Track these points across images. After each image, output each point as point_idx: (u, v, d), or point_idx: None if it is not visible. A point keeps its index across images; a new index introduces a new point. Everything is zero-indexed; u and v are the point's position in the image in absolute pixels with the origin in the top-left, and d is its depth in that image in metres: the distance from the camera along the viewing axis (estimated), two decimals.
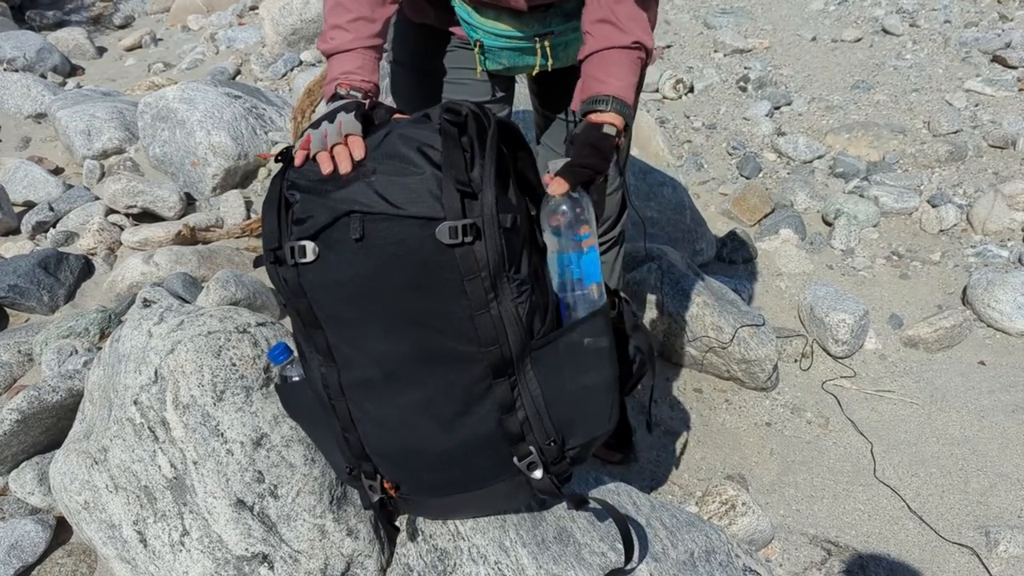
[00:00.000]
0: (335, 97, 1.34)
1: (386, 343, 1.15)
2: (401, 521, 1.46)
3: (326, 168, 1.11)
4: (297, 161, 1.16)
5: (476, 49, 1.53)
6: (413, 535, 1.44)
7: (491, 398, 1.18)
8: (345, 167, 1.11)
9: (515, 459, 1.23)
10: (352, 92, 1.33)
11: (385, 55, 1.52)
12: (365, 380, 1.19)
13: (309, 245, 1.09)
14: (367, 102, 1.28)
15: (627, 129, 1.38)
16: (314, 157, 1.14)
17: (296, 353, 1.34)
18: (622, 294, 1.33)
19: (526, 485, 1.27)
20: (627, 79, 1.36)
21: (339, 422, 1.24)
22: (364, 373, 1.18)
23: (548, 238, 1.26)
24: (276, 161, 1.19)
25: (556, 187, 1.23)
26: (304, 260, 1.10)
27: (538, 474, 1.23)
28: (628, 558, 1.34)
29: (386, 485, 1.27)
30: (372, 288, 1.11)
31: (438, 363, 1.16)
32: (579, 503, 1.32)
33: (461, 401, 1.18)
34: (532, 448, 1.22)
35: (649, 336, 1.36)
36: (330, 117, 1.19)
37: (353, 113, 1.18)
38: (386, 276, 1.10)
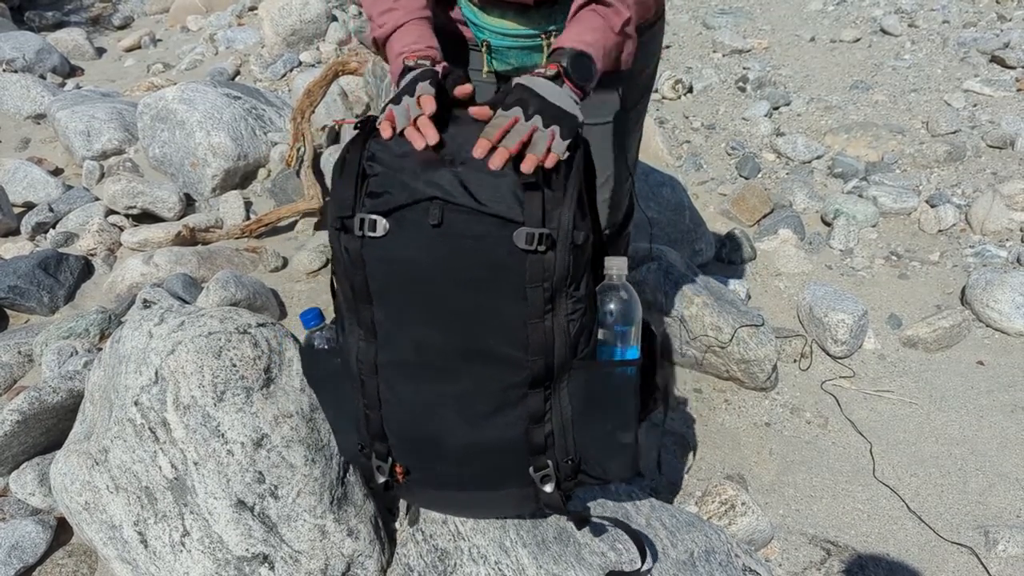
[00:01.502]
0: (405, 71, 1.30)
1: (434, 331, 1.16)
2: (402, 507, 1.47)
3: (419, 144, 1.11)
4: (385, 135, 1.14)
5: (483, 50, 1.53)
6: (415, 519, 1.44)
7: (523, 406, 1.19)
8: (433, 138, 1.11)
9: (531, 469, 1.24)
10: (420, 62, 1.30)
11: None
12: (403, 362, 1.19)
13: (381, 221, 1.11)
14: (440, 67, 1.27)
15: (575, 72, 1.24)
16: (402, 132, 1.14)
17: (327, 321, 1.36)
18: (652, 328, 1.34)
19: (532, 497, 1.28)
20: (580, 32, 1.28)
21: (364, 399, 1.24)
22: (403, 355, 1.19)
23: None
24: (355, 129, 1.19)
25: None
26: (373, 234, 1.11)
27: (549, 488, 1.24)
28: (643, 562, 1.35)
29: (397, 469, 1.27)
30: (436, 275, 1.12)
31: (481, 361, 1.16)
32: (582, 521, 1.32)
33: (494, 403, 1.19)
34: (550, 462, 1.24)
35: (666, 376, 1.38)
36: (409, 90, 1.19)
37: (429, 81, 1.19)
38: (454, 267, 1.11)
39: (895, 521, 2.10)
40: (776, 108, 4.33)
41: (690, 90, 4.61)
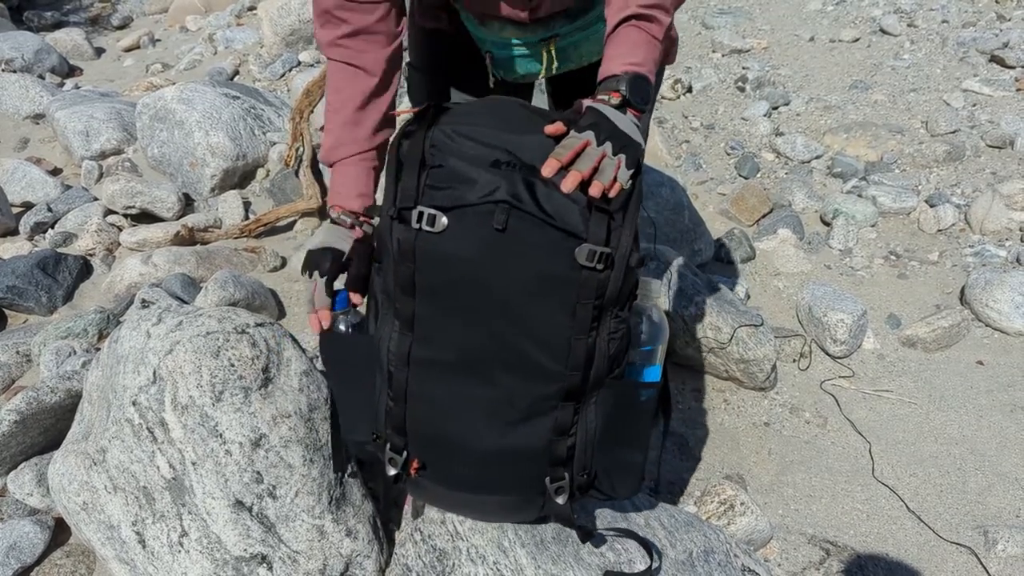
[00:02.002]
0: (330, 219, 1.39)
1: (478, 334, 1.15)
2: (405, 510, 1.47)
3: (315, 327, 1.30)
4: (313, 329, 1.31)
5: (488, 61, 1.52)
6: (419, 511, 1.44)
7: (551, 417, 1.20)
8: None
9: (547, 480, 1.24)
10: (342, 217, 1.37)
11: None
12: (439, 361, 1.19)
13: (441, 217, 1.09)
14: (346, 250, 1.34)
15: (635, 97, 1.22)
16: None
17: (354, 306, 1.36)
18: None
19: (539, 507, 1.28)
20: (629, 52, 1.25)
21: (391, 391, 1.23)
22: (441, 354, 1.18)
23: None
24: (417, 116, 1.17)
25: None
26: (430, 229, 1.09)
27: (561, 500, 1.24)
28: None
29: (413, 463, 1.26)
30: (490, 279, 1.11)
31: (520, 369, 1.16)
32: (587, 536, 1.33)
33: (525, 411, 1.19)
34: (567, 475, 1.24)
35: (670, 401, 1.40)
36: (309, 270, 1.32)
37: (325, 280, 1.30)
38: (510, 273, 1.11)
39: (894, 521, 2.10)
40: (775, 108, 4.33)
41: (689, 90, 4.61)
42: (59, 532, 1.67)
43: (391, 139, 1.19)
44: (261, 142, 3.38)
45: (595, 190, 1.07)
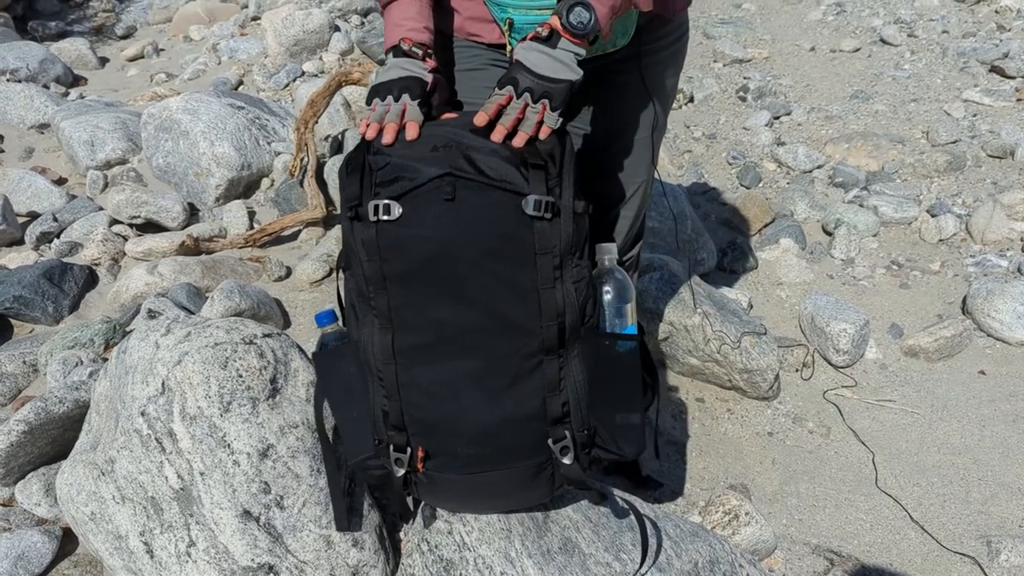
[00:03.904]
0: (398, 51, 1.38)
1: (452, 307, 1.21)
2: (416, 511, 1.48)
3: (386, 138, 1.24)
4: (370, 135, 1.25)
5: (506, 29, 1.49)
6: (430, 519, 1.45)
7: (539, 375, 1.24)
8: (390, 140, 1.24)
9: (550, 440, 1.28)
10: (414, 49, 1.37)
11: None
12: (421, 345, 1.23)
13: (395, 204, 1.17)
14: (429, 80, 1.34)
15: (571, 24, 1.24)
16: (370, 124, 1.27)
17: (341, 322, 1.40)
18: (641, 325, 1.41)
19: (550, 476, 1.31)
20: None
21: (383, 389, 1.26)
22: (421, 338, 1.23)
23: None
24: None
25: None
26: (388, 218, 1.16)
27: (568, 459, 1.28)
28: (643, 559, 1.37)
29: (419, 452, 1.29)
30: (452, 250, 1.18)
31: (498, 332, 1.22)
32: (601, 498, 1.35)
33: (511, 373, 1.24)
34: (567, 432, 1.28)
35: (657, 373, 1.44)
36: (395, 93, 1.29)
37: (418, 102, 1.28)
38: (468, 239, 1.17)
39: (898, 531, 2.10)
40: (777, 118, 4.35)
41: (691, 100, 4.63)
42: (67, 542, 1.68)
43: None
44: (266, 152, 3.40)
45: (518, 140, 1.21)
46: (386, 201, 1.17)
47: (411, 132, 1.24)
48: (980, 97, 4.22)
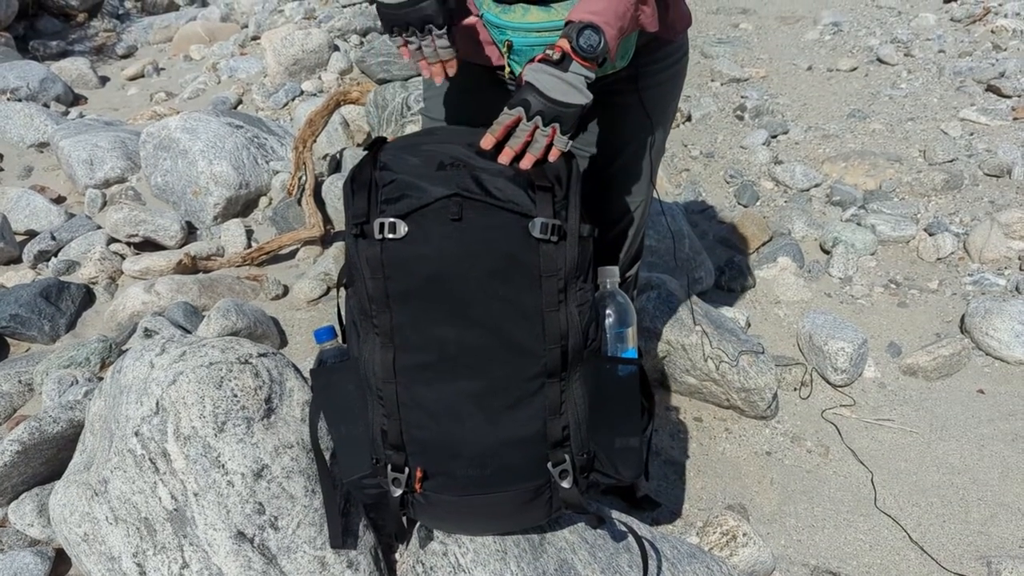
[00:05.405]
0: None
1: (453, 329, 1.21)
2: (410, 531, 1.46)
3: (438, 80, 1.30)
4: (405, 56, 1.30)
5: (504, 51, 1.47)
6: (427, 540, 1.44)
7: (541, 397, 1.24)
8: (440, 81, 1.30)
9: (549, 464, 1.27)
10: None
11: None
12: (423, 364, 1.23)
13: (401, 223, 1.17)
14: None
15: (581, 47, 1.24)
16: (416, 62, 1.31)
17: (341, 339, 1.39)
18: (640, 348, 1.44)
19: (548, 499, 1.30)
20: (588, 3, 1.27)
21: (383, 408, 1.25)
22: (424, 358, 1.22)
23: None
24: (366, 150, 1.28)
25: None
26: (392, 236, 1.17)
27: (567, 483, 1.27)
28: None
29: (417, 473, 1.28)
30: (457, 270, 1.18)
31: (501, 353, 1.22)
32: (599, 522, 1.34)
33: (514, 395, 1.23)
34: (567, 456, 1.27)
35: (653, 396, 1.45)
36: (416, 23, 1.27)
37: (446, 37, 1.29)
38: (474, 260, 1.18)
39: (897, 552, 2.09)
40: (774, 136, 4.36)
41: (689, 118, 4.65)
42: (59, 563, 1.67)
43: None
44: (264, 171, 3.41)
45: (526, 162, 1.21)
46: (392, 219, 1.17)
47: (451, 70, 1.30)
48: (977, 116, 4.24)
